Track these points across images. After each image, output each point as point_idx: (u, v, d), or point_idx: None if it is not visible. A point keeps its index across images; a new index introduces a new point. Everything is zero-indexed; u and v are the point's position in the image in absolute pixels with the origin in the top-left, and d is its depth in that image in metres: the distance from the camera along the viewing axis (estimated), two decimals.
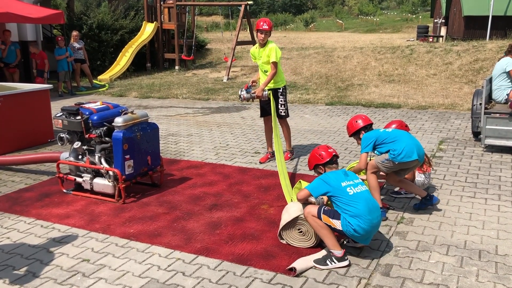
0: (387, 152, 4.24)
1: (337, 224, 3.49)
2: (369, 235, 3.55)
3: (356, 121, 4.56)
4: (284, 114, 6.00)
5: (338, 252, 3.48)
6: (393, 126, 4.84)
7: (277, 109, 5.90)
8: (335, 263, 3.46)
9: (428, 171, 4.89)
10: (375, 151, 4.37)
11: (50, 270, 3.50)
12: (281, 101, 5.94)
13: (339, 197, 3.53)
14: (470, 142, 6.93)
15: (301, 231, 3.78)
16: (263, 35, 5.70)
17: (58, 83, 12.26)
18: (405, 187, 4.58)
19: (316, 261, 3.52)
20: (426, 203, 4.46)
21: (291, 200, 4.35)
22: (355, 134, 4.58)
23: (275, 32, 39.72)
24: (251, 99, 5.93)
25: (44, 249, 3.83)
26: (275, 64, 5.71)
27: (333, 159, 3.94)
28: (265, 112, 6.10)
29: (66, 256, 3.72)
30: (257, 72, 6.19)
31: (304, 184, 4.73)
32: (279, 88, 5.94)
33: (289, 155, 6.18)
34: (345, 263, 3.48)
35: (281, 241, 3.88)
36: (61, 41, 12.18)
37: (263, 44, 5.79)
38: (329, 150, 3.97)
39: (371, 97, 10.65)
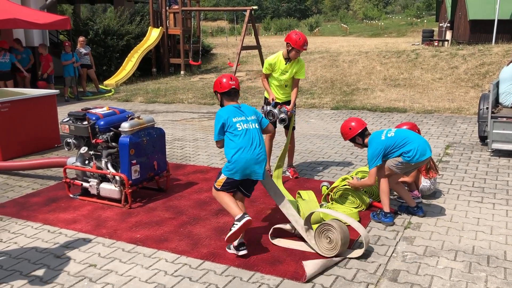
0: (399, 156, 4.21)
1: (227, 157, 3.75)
2: (246, 169, 3.73)
3: (350, 127, 4.45)
4: (294, 126, 5.72)
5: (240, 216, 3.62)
6: (405, 127, 4.81)
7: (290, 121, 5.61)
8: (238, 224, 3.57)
9: (434, 177, 4.87)
10: (387, 158, 4.29)
11: (58, 276, 3.51)
12: (294, 113, 5.64)
13: (229, 132, 3.79)
14: (477, 146, 6.90)
15: (329, 240, 3.70)
16: (299, 54, 5.32)
17: (64, 88, 12.32)
18: (399, 191, 4.50)
19: None
20: (411, 211, 4.41)
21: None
22: (352, 139, 4.49)
23: (279, 37, 39.78)
24: (287, 121, 5.40)
25: (51, 254, 3.84)
26: (298, 81, 5.45)
27: (232, 92, 3.98)
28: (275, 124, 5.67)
29: (73, 261, 3.73)
30: (266, 86, 5.61)
31: (304, 195, 4.73)
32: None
33: (294, 170, 5.81)
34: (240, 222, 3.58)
35: (272, 241, 3.94)
36: (67, 47, 12.26)
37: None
38: (230, 82, 3.97)
39: (377, 102, 10.63)
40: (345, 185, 4.60)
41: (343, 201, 4.64)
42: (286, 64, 5.36)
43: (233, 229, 3.58)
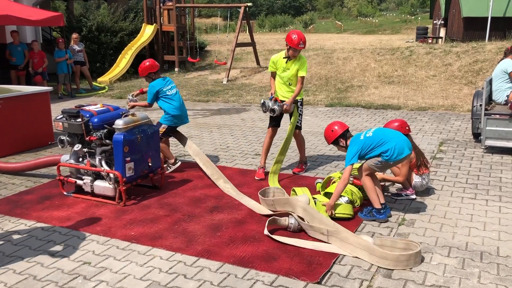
0: (378, 155, 4.24)
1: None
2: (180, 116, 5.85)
3: (332, 130, 4.57)
4: (299, 125, 5.72)
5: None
6: (395, 124, 4.83)
7: (299, 121, 5.66)
8: None
9: (426, 173, 4.88)
10: (365, 159, 4.32)
11: (51, 273, 3.50)
12: (300, 111, 5.68)
13: (164, 96, 5.75)
14: (471, 143, 6.94)
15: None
16: (297, 53, 5.38)
17: (58, 85, 12.25)
18: (368, 191, 4.36)
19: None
20: (374, 214, 4.30)
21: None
22: (335, 141, 4.59)
23: (274, 34, 39.75)
24: (278, 112, 5.51)
25: (45, 252, 3.83)
26: (303, 78, 5.46)
27: (158, 70, 5.85)
28: (275, 123, 5.72)
29: (67, 259, 3.72)
30: (271, 83, 5.69)
31: (299, 191, 4.72)
32: (299, 100, 5.67)
33: (304, 166, 5.88)
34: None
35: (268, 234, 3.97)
36: (61, 43, 12.18)
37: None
38: (157, 63, 5.81)
39: (371, 99, 10.66)
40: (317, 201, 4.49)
41: (335, 206, 4.53)
42: (286, 62, 5.44)
43: (170, 170, 5.72)
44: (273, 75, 5.66)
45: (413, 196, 4.79)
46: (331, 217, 4.21)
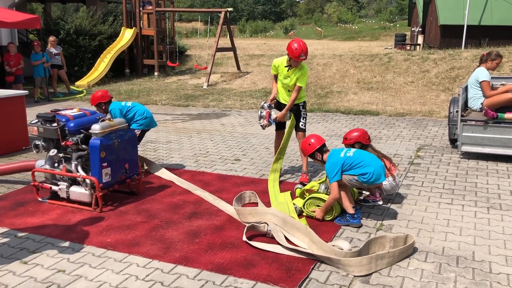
0: (357, 175, 4.27)
1: None
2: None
3: (309, 143, 4.64)
4: (304, 127, 5.64)
5: None
6: (355, 134, 4.84)
7: (298, 122, 5.61)
8: None
9: (394, 172, 4.86)
10: (343, 174, 4.32)
11: (24, 282, 3.40)
12: (303, 114, 5.63)
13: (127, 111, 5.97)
14: (447, 149, 7.04)
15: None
16: (298, 64, 5.30)
17: (34, 89, 12.03)
18: (341, 196, 4.39)
19: None
20: (348, 219, 4.33)
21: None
22: (311, 155, 4.66)
23: (255, 40, 39.85)
24: (267, 126, 5.57)
25: (18, 260, 3.73)
26: (300, 88, 5.37)
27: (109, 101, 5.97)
28: (281, 125, 5.75)
29: (40, 267, 3.63)
30: (273, 86, 5.69)
31: (280, 197, 4.72)
32: (301, 103, 5.63)
33: (307, 177, 5.53)
34: None
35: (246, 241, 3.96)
36: (37, 46, 11.97)
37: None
38: (108, 94, 5.96)
39: (350, 104, 10.75)
40: (312, 197, 4.55)
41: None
42: (288, 70, 5.39)
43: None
44: (276, 77, 5.62)
45: (380, 202, 4.78)
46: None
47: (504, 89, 6.61)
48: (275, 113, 5.54)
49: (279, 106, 5.64)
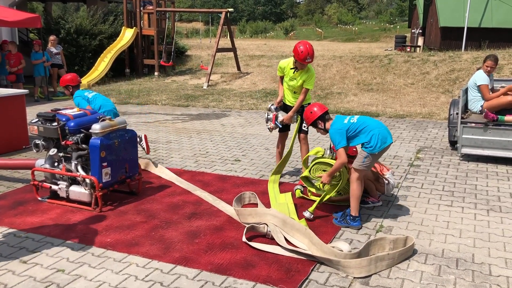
0: (361, 145, 4.26)
1: None
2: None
3: (311, 111, 4.54)
4: (306, 129, 5.56)
5: None
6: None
7: (301, 124, 5.55)
8: None
9: (387, 172, 4.86)
10: (348, 144, 4.32)
11: (23, 281, 3.40)
12: None
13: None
14: (447, 151, 7.04)
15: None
16: (304, 66, 5.23)
17: (35, 88, 12.02)
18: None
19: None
20: (348, 221, 4.31)
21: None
22: (313, 123, 4.58)
23: (255, 40, 39.85)
24: (273, 129, 5.54)
25: (17, 259, 3.72)
26: (308, 90, 5.34)
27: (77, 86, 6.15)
28: (285, 127, 5.67)
29: (40, 266, 3.62)
30: (279, 88, 5.65)
31: (280, 198, 4.73)
32: (306, 105, 5.49)
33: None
34: None
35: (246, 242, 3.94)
36: (36, 46, 11.96)
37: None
38: (79, 78, 6.14)
39: (350, 106, 10.75)
40: (318, 162, 4.57)
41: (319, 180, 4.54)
42: (294, 72, 5.35)
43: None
44: (282, 79, 5.58)
45: (380, 203, 4.80)
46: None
47: (503, 91, 6.62)
48: (281, 116, 5.52)
49: (285, 108, 5.62)
